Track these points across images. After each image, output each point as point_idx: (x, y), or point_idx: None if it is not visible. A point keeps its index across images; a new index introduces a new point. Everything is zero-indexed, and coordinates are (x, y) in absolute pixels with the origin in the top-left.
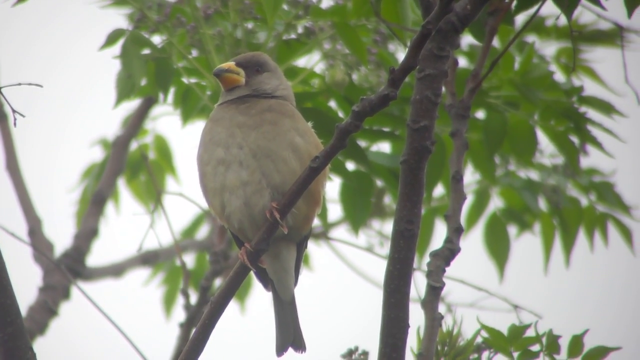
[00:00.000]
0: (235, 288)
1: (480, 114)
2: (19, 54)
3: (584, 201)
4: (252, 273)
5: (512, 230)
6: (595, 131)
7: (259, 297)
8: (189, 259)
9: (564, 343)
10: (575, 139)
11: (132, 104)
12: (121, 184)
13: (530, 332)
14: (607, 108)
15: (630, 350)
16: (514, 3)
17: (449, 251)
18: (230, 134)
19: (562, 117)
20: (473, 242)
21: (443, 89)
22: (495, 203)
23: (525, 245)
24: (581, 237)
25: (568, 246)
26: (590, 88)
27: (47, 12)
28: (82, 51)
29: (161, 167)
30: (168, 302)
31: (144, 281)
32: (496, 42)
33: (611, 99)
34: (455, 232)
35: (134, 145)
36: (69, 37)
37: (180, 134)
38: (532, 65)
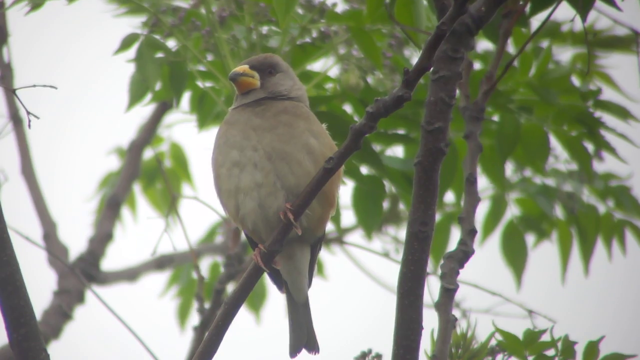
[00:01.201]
0: (249, 289)
1: (493, 120)
2: (31, 57)
3: (601, 208)
4: (266, 276)
5: (530, 238)
6: (609, 136)
7: (273, 298)
8: (205, 266)
9: (579, 349)
10: (589, 145)
11: (147, 110)
12: (138, 192)
13: (545, 337)
14: (623, 113)
15: None
16: (529, 5)
17: (463, 253)
18: (245, 136)
19: (575, 122)
20: (488, 248)
21: (457, 91)
22: (512, 211)
23: (541, 250)
24: (598, 244)
25: (586, 255)
26: (605, 94)
27: (60, 12)
28: (96, 53)
29: (177, 174)
30: (182, 315)
31: (160, 293)
32: (512, 48)
33: (626, 104)
34: (469, 234)
35: (150, 153)
36: (83, 38)
37: (195, 141)
38: (549, 67)
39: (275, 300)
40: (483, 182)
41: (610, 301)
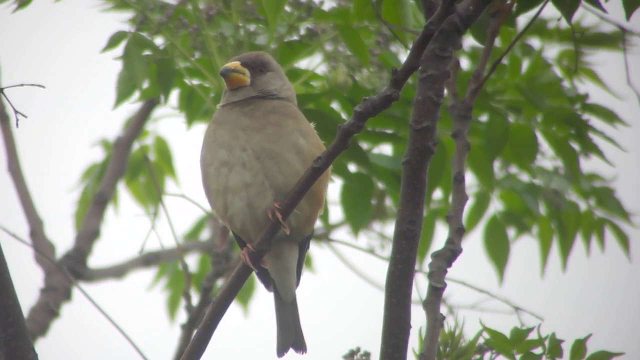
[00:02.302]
0: (237, 288)
1: (482, 119)
2: (19, 54)
3: (582, 206)
4: (254, 274)
5: (511, 232)
6: (596, 139)
7: (261, 297)
8: (192, 261)
9: (566, 347)
10: (576, 146)
11: (134, 106)
12: (120, 186)
13: (533, 335)
14: (610, 116)
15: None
16: (515, 4)
17: (451, 252)
18: (233, 136)
19: (564, 124)
20: (474, 244)
21: (445, 90)
22: (495, 206)
23: (528, 247)
24: (580, 242)
25: (565, 250)
26: (592, 91)
27: (47, 11)
28: (83, 51)
29: (161, 169)
30: (172, 307)
31: (148, 286)
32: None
33: (613, 101)
34: (457, 232)
35: (134, 146)
36: (71, 37)
37: (181, 136)
38: (539, 71)
39: (264, 298)
40: (468, 179)
41: (594, 296)
